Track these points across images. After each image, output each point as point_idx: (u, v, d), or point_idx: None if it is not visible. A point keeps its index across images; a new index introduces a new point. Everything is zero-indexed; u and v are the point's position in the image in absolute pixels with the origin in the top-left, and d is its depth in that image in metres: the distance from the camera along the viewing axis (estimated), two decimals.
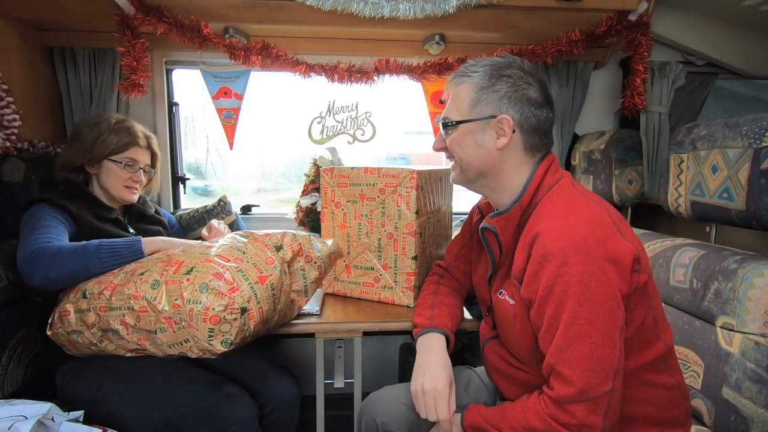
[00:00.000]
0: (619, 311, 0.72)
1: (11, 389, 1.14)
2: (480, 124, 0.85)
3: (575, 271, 0.71)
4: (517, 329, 0.84)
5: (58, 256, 1.00)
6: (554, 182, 0.84)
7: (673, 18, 1.74)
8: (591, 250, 0.71)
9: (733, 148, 0.96)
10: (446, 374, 0.88)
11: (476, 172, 0.88)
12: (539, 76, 0.87)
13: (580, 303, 0.71)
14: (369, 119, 1.74)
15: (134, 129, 1.28)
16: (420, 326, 0.99)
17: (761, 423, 0.81)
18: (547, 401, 0.74)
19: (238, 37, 1.60)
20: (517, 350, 0.89)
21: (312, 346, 1.64)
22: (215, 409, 1.04)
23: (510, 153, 0.85)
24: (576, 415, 0.70)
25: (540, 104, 0.84)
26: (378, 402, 1.04)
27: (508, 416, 0.79)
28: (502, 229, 0.84)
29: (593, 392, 0.70)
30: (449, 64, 1.74)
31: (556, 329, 0.73)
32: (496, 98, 0.83)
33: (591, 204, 0.79)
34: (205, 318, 0.87)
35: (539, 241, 0.75)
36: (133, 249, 1.08)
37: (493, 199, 0.92)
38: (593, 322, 0.70)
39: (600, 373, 0.70)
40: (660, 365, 0.81)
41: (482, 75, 0.85)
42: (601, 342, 0.70)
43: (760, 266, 0.86)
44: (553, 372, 0.74)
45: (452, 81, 0.90)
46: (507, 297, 0.87)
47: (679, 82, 1.81)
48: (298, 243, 1.05)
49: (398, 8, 1.46)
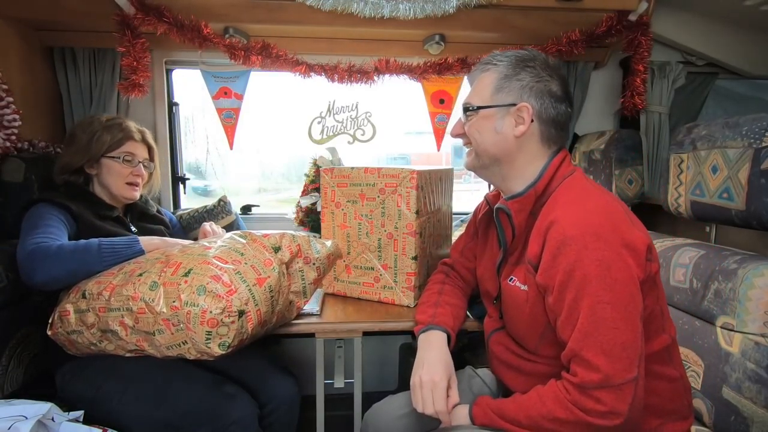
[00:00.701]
0: (639, 297, 0.73)
1: (11, 389, 1.14)
2: (500, 110, 0.86)
3: (596, 255, 0.71)
4: (527, 316, 0.84)
5: (58, 254, 1.00)
6: (568, 174, 0.86)
7: (673, 18, 1.74)
8: (609, 237, 0.72)
9: (733, 148, 0.96)
10: (445, 368, 0.89)
11: (491, 158, 0.89)
12: (561, 72, 0.89)
13: (602, 287, 0.71)
14: (369, 119, 1.74)
15: (126, 124, 1.29)
16: (422, 323, 1.00)
17: (761, 423, 0.81)
18: (569, 388, 0.73)
19: (238, 37, 1.60)
20: (524, 338, 0.89)
21: (312, 346, 1.63)
22: (215, 409, 1.04)
23: (527, 142, 0.86)
24: (603, 401, 0.69)
25: (560, 98, 0.86)
26: (379, 416, 1.03)
27: (524, 406, 0.77)
28: (516, 212, 0.85)
29: (619, 378, 0.69)
30: (449, 64, 1.74)
31: (578, 314, 0.72)
32: (519, 87, 0.85)
33: (604, 195, 0.81)
34: (202, 321, 0.86)
35: (556, 227, 0.76)
36: (133, 248, 1.08)
37: (505, 188, 0.92)
38: (617, 306, 0.70)
39: (625, 359, 0.70)
40: (665, 357, 0.82)
41: (507, 64, 0.87)
42: (625, 327, 0.70)
43: (760, 266, 0.86)
44: (576, 357, 0.73)
45: (477, 68, 0.92)
46: (518, 283, 0.87)
47: (679, 82, 1.81)
48: (296, 244, 1.05)
49: (398, 8, 1.46)
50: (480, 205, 1.09)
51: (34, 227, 1.06)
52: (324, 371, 1.20)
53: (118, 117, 1.32)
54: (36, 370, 1.23)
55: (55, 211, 1.12)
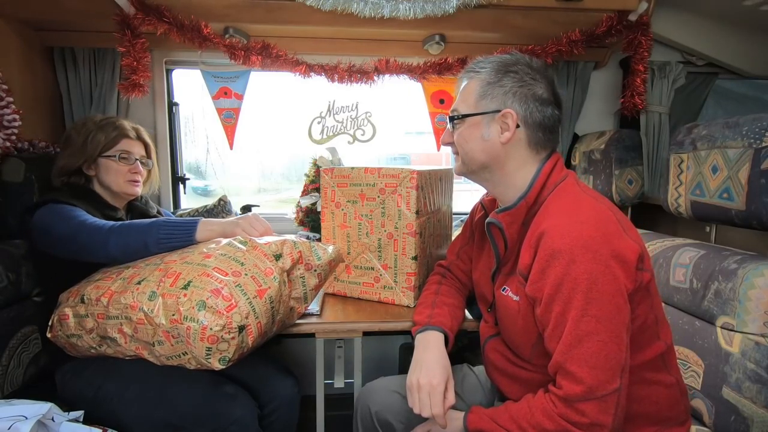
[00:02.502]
0: (626, 309, 0.72)
1: (11, 389, 1.14)
2: (485, 117, 0.86)
3: (583, 269, 0.71)
4: (520, 326, 0.84)
5: (131, 229, 1.04)
6: (559, 180, 0.85)
7: (673, 18, 1.74)
8: (598, 248, 0.72)
9: (733, 148, 0.96)
10: (443, 370, 0.88)
11: (479, 164, 0.89)
12: (547, 74, 0.87)
13: (588, 301, 0.71)
14: (369, 119, 1.74)
15: (120, 122, 1.29)
16: (419, 324, 1.00)
17: (761, 423, 0.81)
18: (556, 400, 0.74)
19: (238, 37, 1.60)
20: (519, 347, 0.89)
21: (312, 346, 1.63)
22: (215, 409, 1.04)
23: (514, 148, 0.86)
24: (586, 414, 0.70)
25: (546, 101, 0.85)
26: (372, 391, 1.05)
27: (515, 416, 0.78)
28: (507, 225, 0.85)
29: (602, 390, 0.70)
30: (449, 64, 1.74)
31: (564, 327, 0.73)
32: (502, 93, 0.84)
33: (596, 203, 0.80)
34: (202, 337, 0.85)
35: (546, 238, 0.75)
36: (188, 233, 1.06)
37: (497, 193, 0.92)
38: (601, 319, 0.71)
39: (608, 371, 0.70)
40: (659, 364, 0.81)
41: (489, 71, 0.86)
42: (609, 339, 0.70)
43: (760, 266, 0.86)
44: (561, 370, 0.73)
45: (462, 77, 0.92)
46: (511, 293, 0.87)
47: (679, 82, 1.81)
48: (298, 251, 1.02)
49: (398, 8, 1.46)
50: (476, 207, 1.08)
51: (72, 218, 1.07)
52: (324, 371, 1.20)
53: (112, 116, 1.33)
54: (36, 370, 1.23)
55: (69, 207, 1.12)
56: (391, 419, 1.00)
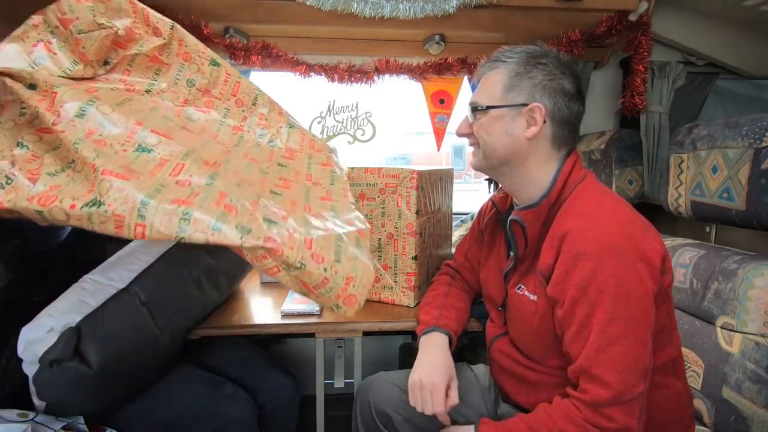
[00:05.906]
0: (651, 312, 0.72)
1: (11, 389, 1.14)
2: (511, 110, 0.82)
3: (610, 271, 0.70)
4: (535, 326, 0.82)
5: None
6: (580, 179, 0.83)
7: (673, 18, 1.74)
8: (625, 251, 0.71)
9: (733, 148, 0.96)
10: (446, 370, 0.88)
11: (500, 159, 0.85)
12: (574, 70, 0.85)
13: (616, 304, 0.70)
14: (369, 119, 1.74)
15: None
16: (425, 324, 0.99)
17: (761, 423, 0.81)
18: (580, 405, 0.71)
19: (238, 37, 1.60)
20: (530, 348, 0.87)
21: (312, 346, 1.63)
22: (215, 410, 1.04)
23: (538, 144, 0.83)
24: (614, 419, 0.69)
25: (573, 97, 0.83)
26: (372, 384, 1.05)
27: (533, 425, 0.75)
28: (529, 223, 0.83)
29: (628, 394, 0.69)
30: (449, 64, 1.74)
31: (590, 331, 0.71)
32: (531, 85, 0.81)
33: (619, 204, 0.79)
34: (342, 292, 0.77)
35: (570, 240, 0.74)
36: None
37: (515, 190, 0.89)
38: (629, 323, 0.70)
39: (635, 375, 0.69)
40: (669, 368, 0.81)
41: (518, 61, 0.83)
42: (636, 343, 0.70)
43: (760, 266, 0.86)
44: (586, 374, 0.72)
45: (485, 66, 0.87)
46: (527, 292, 0.85)
47: (679, 82, 1.80)
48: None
49: (398, 8, 1.46)
50: (485, 207, 1.06)
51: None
52: (324, 371, 1.20)
53: None
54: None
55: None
56: (390, 411, 0.99)
